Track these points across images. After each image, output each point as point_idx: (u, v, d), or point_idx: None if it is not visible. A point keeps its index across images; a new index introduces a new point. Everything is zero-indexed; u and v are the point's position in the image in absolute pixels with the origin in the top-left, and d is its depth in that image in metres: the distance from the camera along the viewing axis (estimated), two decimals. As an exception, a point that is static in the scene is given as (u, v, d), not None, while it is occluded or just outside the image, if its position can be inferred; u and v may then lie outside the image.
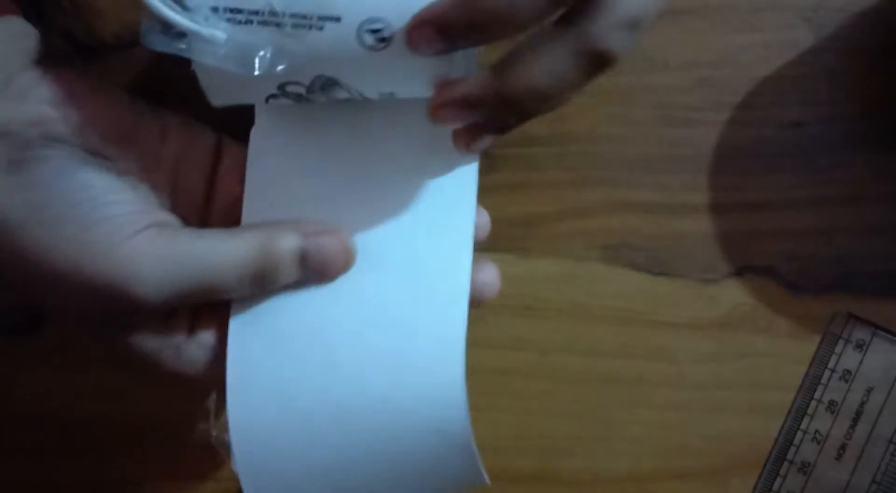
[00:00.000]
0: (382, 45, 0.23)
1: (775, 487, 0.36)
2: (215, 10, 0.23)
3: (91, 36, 0.33)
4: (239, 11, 0.23)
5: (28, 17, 0.27)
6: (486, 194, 0.37)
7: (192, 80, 0.25)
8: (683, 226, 0.37)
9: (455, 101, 0.24)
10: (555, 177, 0.37)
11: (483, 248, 0.37)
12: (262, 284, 0.27)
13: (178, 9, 0.23)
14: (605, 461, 0.37)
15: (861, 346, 0.37)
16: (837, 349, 0.37)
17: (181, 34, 0.23)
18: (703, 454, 0.37)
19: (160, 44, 0.23)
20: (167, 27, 0.23)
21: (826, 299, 0.37)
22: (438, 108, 0.25)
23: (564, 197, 0.37)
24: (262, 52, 0.23)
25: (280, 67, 0.23)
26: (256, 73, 0.23)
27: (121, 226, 0.25)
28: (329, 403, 0.27)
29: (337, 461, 0.27)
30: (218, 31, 0.23)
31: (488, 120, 0.25)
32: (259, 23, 0.23)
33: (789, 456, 0.37)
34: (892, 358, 0.37)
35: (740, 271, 0.37)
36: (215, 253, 0.26)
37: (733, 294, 0.37)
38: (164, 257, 0.25)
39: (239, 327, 0.27)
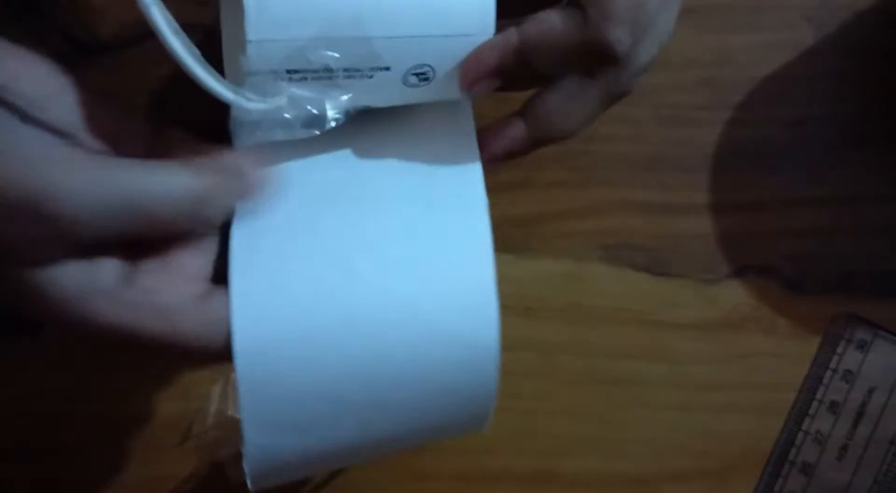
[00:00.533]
0: (424, 82, 0.25)
1: (776, 487, 0.36)
2: (274, 72, 0.24)
3: (89, 35, 0.33)
4: (296, 72, 0.24)
5: (27, 16, 0.27)
6: (486, 194, 0.37)
7: (191, 83, 0.25)
8: (684, 226, 0.37)
9: (498, 155, 0.27)
10: (555, 177, 0.37)
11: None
12: (198, 214, 0.24)
13: (252, 96, 0.24)
14: (606, 462, 0.37)
15: (862, 346, 0.37)
16: (839, 350, 0.37)
17: (255, 121, 0.24)
18: (704, 455, 0.37)
19: (249, 137, 0.25)
20: (245, 116, 0.24)
21: (827, 300, 0.37)
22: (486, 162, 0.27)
23: (565, 197, 0.37)
24: (315, 111, 0.25)
25: (336, 121, 0.25)
26: (317, 133, 0.25)
27: (49, 137, 0.22)
28: (345, 310, 0.25)
29: (348, 373, 0.25)
30: (281, 99, 0.24)
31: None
32: (313, 78, 0.24)
33: (791, 457, 0.36)
34: (893, 359, 0.37)
35: (741, 272, 0.37)
36: (152, 176, 0.23)
37: (734, 294, 0.37)
38: (97, 173, 0.22)
39: (242, 239, 0.25)
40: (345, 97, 0.25)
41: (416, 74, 0.25)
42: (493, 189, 0.37)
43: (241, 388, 0.24)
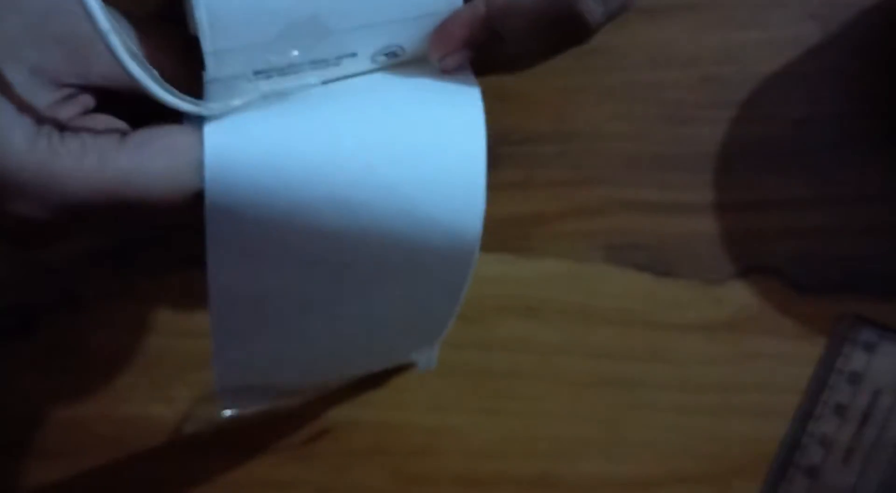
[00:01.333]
0: (394, 58, 0.25)
1: (781, 491, 0.36)
2: (237, 77, 0.23)
3: None
4: (260, 72, 0.23)
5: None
6: (486, 193, 0.36)
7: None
8: (688, 226, 0.37)
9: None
10: (557, 176, 0.37)
11: (484, 248, 0.37)
12: None
13: (214, 105, 0.23)
14: (609, 465, 0.37)
15: (869, 348, 0.36)
16: (845, 351, 0.36)
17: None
18: (708, 458, 0.36)
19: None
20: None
21: (833, 300, 0.37)
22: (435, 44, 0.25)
23: (567, 196, 0.37)
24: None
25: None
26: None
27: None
28: (327, 189, 0.23)
29: (319, 246, 0.24)
30: (250, 96, 0.23)
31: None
32: (279, 74, 0.23)
33: (795, 459, 0.36)
34: (900, 360, 0.36)
35: (746, 272, 0.37)
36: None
37: (739, 295, 0.37)
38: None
39: (216, 126, 0.23)
40: (313, 82, 0.24)
41: (386, 54, 0.24)
42: (494, 188, 0.37)
43: (208, 220, 0.23)
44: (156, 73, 0.22)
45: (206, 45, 0.22)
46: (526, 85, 0.36)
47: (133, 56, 0.21)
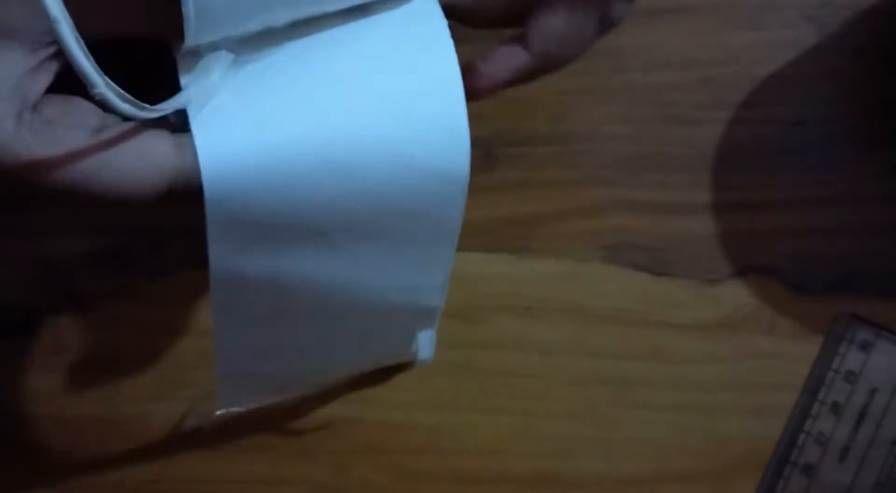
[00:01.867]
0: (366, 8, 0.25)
1: (778, 489, 0.36)
2: (209, 48, 0.23)
3: None
4: (243, 38, 0.23)
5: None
6: (486, 194, 0.37)
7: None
8: (685, 226, 0.37)
9: (497, 87, 0.26)
10: (556, 176, 0.37)
11: (484, 248, 0.37)
12: None
13: (188, 98, 0.23)
14: (607, 463, 0.37)
15: (865, 347, 0.36)
16: (841, 350, 0.37)
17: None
18: (705, 456, 0.37)
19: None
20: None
21: (829, 300, 0.37)
22: (479, 91, 0.26)
23: (565, 196, 0.37)
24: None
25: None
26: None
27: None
28: (316, 146, 0.24)
29: (317, 208, 0.25)
30: (222, 64, 0.24)
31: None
32: (254, 41, 0.24)
33: (792, 458, 0.36)
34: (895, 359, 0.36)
35: (743, 272, 0.37)
36: None
37: (736, 295, 0.37)
38: None
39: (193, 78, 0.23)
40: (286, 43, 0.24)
41: (357, 7, 0.25)
42: (492, 188, 0.37)
43: (208, 212, 0.23)
44: (148, 107, 0.21)
45: (190, 40, 0.22)
46: (524, 86, 0.36)
47: (126, 100, 0.21)
